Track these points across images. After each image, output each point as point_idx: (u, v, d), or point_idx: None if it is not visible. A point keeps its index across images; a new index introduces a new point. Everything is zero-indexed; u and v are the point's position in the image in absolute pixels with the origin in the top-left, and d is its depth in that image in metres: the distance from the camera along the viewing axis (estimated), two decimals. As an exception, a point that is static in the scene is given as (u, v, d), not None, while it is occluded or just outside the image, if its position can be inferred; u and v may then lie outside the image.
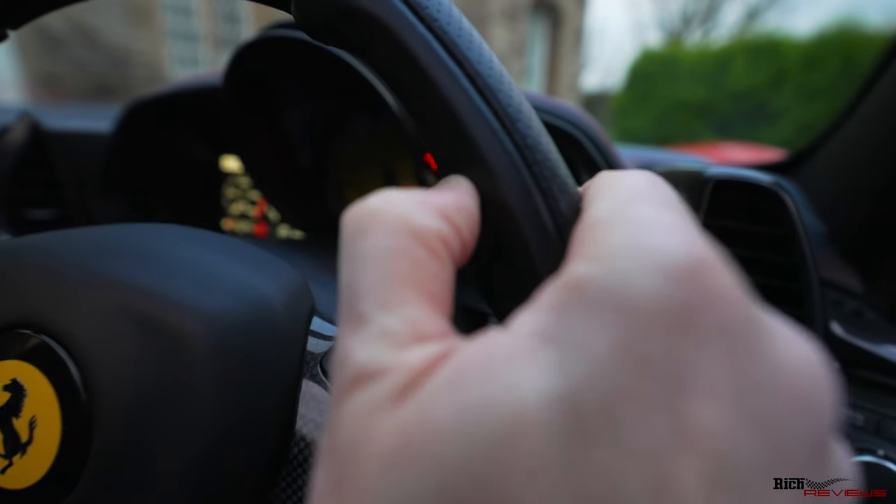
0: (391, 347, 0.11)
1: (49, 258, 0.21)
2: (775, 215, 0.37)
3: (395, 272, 0.12)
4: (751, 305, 0.10)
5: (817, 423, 0.10)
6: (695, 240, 0.10)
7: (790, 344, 0.10)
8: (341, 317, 0.12)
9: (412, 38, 0.16)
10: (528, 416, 0.09)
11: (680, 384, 0.09)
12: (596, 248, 0.11)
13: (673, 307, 0.09)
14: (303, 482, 0.21)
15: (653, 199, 0.12)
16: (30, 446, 0.19)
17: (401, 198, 0.13)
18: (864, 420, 0.34)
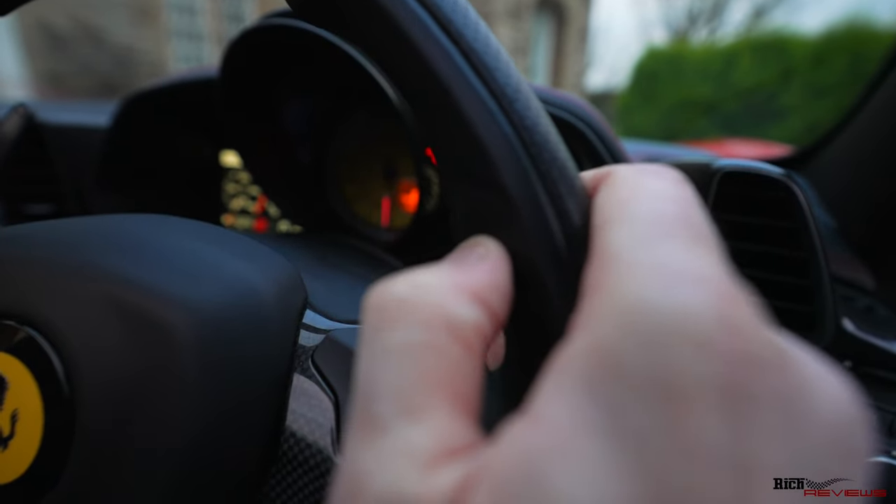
0: (416, 469, 0.09)
1: (33, 249, 0.21)
2: (785, 208, 0.36)
3: (427, 373, 0.10)
4: (787, 355, 0.09)
5: (859, 467, 0.09)
6: (730, 295, 0.09)
7: (829, 390, 0.09)
8: (354, 421, 0.11)
9: (403, 13, 0.15)
10: None
11: (748, 470, 0.08)
12: (620, 304, 0.10)
13: (724, 387, 0.08)
14: (293, 480, 0.20)
15: (681, 234, 0.11)
16: (11, 440, 0.18)
17: (433, 282, 0.12)
18: (878, 420, 0.33)
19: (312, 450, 0.20)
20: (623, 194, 0.12)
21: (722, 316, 0.09)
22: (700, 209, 0.12)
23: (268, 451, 0.20)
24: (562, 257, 0.13)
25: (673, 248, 0.10)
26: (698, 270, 0.10)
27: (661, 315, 0.09)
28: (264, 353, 0.21)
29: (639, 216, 0.11)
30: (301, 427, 0.20)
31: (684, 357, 0.08)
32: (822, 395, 0.09)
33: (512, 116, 0.14)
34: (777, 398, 0.09)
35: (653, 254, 0.10)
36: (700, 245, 0.10)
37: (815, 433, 0.09)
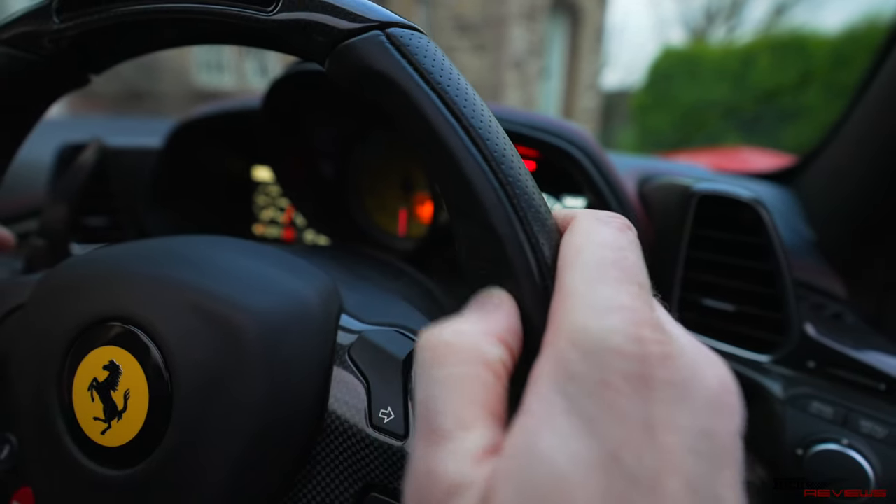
0: (472, 463, 0.14)
1: (132, 265, 0.27)
2: (755, 226, 0.40)
3: (472, 397, 0.15)
4: (679, 350, 0.14)
5: (734, 419, 0.14)
6: (638, 319, 0.14)
7: (708, 366, 0.15)
8: (420, 431, 0.15)
9: (420, 96, 0.21)
10: (567, 477, 0.12)
11: (654, 428, 0.13)
12: (572, 330, 0.15)
13: (633, 377, 0.13)
14: (333, 448, 0.26)
15: (611, 280, 0.16)
16: (124, 413, 0.23)
17: (469, 330, 0.16)
18: (833, 413, 0.37)
19: (348, 425, 0.25)
20: (578, 242, 0.17)
21: (633, 333, 0.14)
22: (634, 252, 0.17)
23: (314, 424, 0.26)
24: (538, 291, 0.18)
25: (606, 288, 0.15)
26: (621, 303, 0.15)
27: (595, 336, 0.14)
28: (310, 349, 0.26)
29: (587, 263, 0.16)
30: (340, 408, 0.26)
31: (608, 362, 0.14)
32: (703, 372, 0.15)
33: (499, 175, 0.20)
34: (670, 381, 0.14)
35: (592, 293, 0.15)
36: (626, 284, 0.15)
37: (700, 396, 0.14)
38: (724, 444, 0.14)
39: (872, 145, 0.47)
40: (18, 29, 0.27)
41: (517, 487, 0.13)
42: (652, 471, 0.12)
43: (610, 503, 0.12)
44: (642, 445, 0.13)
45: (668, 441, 0.13)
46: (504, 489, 0.13)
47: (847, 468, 0.35)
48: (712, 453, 0.13)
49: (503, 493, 0.13)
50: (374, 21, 0.22)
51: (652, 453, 0.13)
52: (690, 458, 0.13)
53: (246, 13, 0.23)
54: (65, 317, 0.25)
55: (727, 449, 0.14)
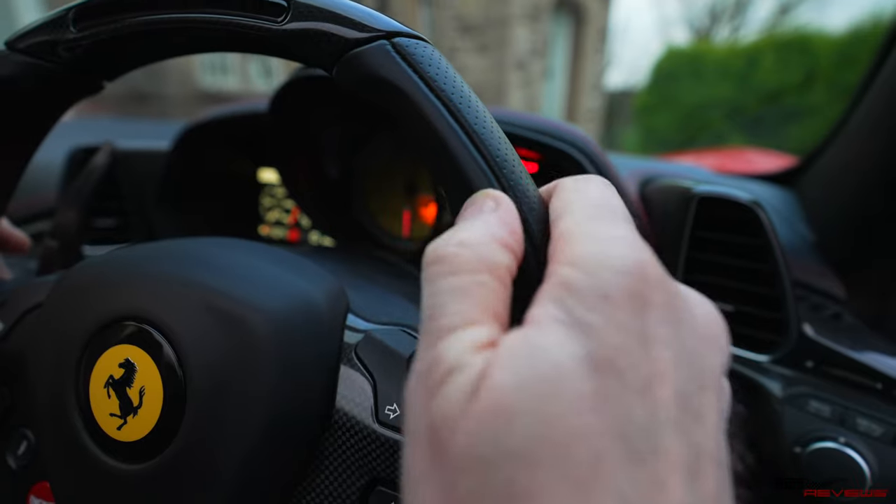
0: (473, 351, 0.15)
1: (147, 266, 0.27)
2: (754, 228, 0.41)
3: (479, 301, 0.16)
4: (675, 284, 0.16)
5: (719, 352, 0.16)
6: (637, 247, 0.15)
7: (699, 304, 0.16)
8: (425, 333, 0.16)
9: (424, 103, 0.21)
10: (565, 369, 0.13)
11: (649, 341, 0.14)
12: (572, 257, 0.15)
13: (633, 294, 0.14)
14: (341, 443, 0.27)
15: (606, 217, 0.17)
16: (139, 409, 0.24)
17: (474, 239, 0.17)
18: (831, 412, 0.38)
19: (355, 421, 0.26)
20: (567, 196, 0.19)
21: (632, 256, 0.15)
22: (619, 200, 0.18)
23: (323, 420, 0.27)
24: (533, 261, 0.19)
25: (599, 224, 0.16)
26: (619, 233, 0.16)
27: (597, 257, 0.15)
28: (318, 347, 0.27)
29: (577, 209, 0.18)
30: (346, 404, 0.27)
31: (609, 278, 0.14)
32: (694, 304, 0.16)
33: (501, 180, 0.20)
34: (666, 303, 0.15)
35: (590, 228, 0.16)
36: (617, 221, 0.17)
37: (691, 324, 0.15)
38: (709, 368, 0.15)
39: (871, 147, 0.47)
40: (35, 38, 0.27)
41: (516, 373, 0.13)
42: (644, 377, 0.13)
43: (601, 400, 0.13)
44: (637, 354, 0.14)
45: (661, 354, 0.14)
46: (501, 373, 0.13)
47: (844, 466, 0.36)
48: (699, 374, 0.15)
49: (501, 375, 0.13)
50: (380, 31, 0.23)
51: (646, 362, 0.14)
52: (680, 372, 0.14)
53: (257, 23, 0.24)
54: (81, 316, 0.26)
55: (710, 375, 0.15)
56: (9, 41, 0.28)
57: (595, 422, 0.13)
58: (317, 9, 0.23)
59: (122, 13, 0.26)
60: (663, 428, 0.13)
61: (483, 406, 0.13)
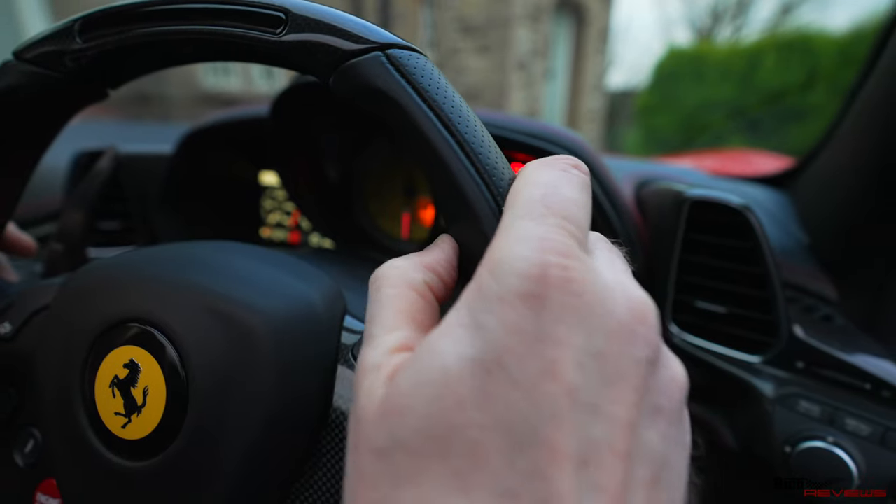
0: (387, 354, 0.17)
1: (151, 269, 0.28)
2: (744, 231, 0.42)
3: (398, 309, 0.19)
4: (586, 282, 0.15)
5: (640, 346, 0.15)
6: (545, 247, 0.16)
7: (620, 300, 0.16)
8: (364, 337, 0.19)
9: (417, 112, 0.22)
10: (451, 371, 0.15)
11: (541, 341, 0.14)
12: (490, 259, 0.16)
13: (528, 296, 0.15)
14: (337, 442, 0.27)
15: (535, 213, 0.17)
16: (143, 408, 0.25)
17: (402, 263, 0.21)
18: (820, 412, 0.39)
19: None
20: (518, 185, 0.20)
21: (537, 259, 0.15)
22: (570, 188, 0.19)
23: (320, 419, 0.27)
24: None
25: (528, 222, 0.17)
26: (535, 234, 0.16)
27: (504, 260, 0.16)
28: (316, 348, 0.28)
29: (517, 202, 0.18)
30: (343, 404, 0.27)
31: (510, 282, 0.15)
32: (612, 302, 0.15)
33: (491, 187, 0.21)
34: (564, 303, 0.15)
35: (515, 227, 0.17)
36: (548, 217, 0.17)
37: (600, 322, 0.15)
38: (620, 365, 0.15)
39: (862, 149, 0.48)
40: (42, 48, 0.28)
41: (411, 375, 0.15)
42: (532, 375, 0.14)
43: (487, 397, 0.14)
44: (526, 353, 0.14)
45: (553, 353, 0.14)
46: (402, 374, 0.16)
47: (831, 465, 0.36)
48: (603, 371, 0.15)
49: (401, 377, 0.16)
50: (375, 42, 0.23)
51: (534, 361, 0.14)
52: (577, 372, 0.14)
53: (256, 35, 0.25)
54: (87, 318, 0.27)
55: (622, 370, 0.15)
56: (17, 51, 0.29)
57: (478, 416, 0.14)
58: (314, 21, 0.24)
59: (127, 25, 0.27)
60: (547, 421, 0.14)
61: (385, 404, 0.16)
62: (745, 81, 5.38)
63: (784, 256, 0.49)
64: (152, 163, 0.63)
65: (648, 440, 0.15)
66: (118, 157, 0.52)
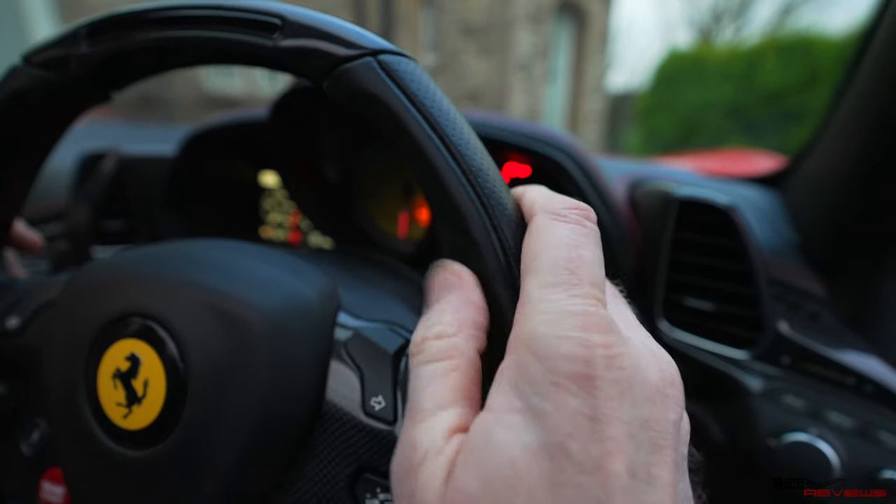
0: (444, 437, 0.17)
1: (152, 267, 0.29)
2: (731, 230, 0.43)
3: (452, 384, 0.18)
4: (626, 355, 0.16)
5: (674, 409, 0.17)
6: (588, 326, 0.16)
7: (652, 364, 0.17)
8: (408, 413, 0.18)
9: (406, 116, 0.23)
10: (518, 462, 0.15)
11: (598, 421, 0.15)
12: (528, 335, 0.17)
13: (581, 378, 0.15)
14: (330, 433, 0.28)
15: (564, 283, 0.17)
16: (144, 400, 0.25)
17: (448, 329, 0.19)
18: (804, 406, 0.40)
19: (344, 412, 0.28)
20: (535, 247, 0.19)
21: (581, 339, 0.16)
22: (589, 247, 0.19)
23: (314, 411, 0.28)
24: (506, 275, 0.21)
25: (558, 293, 0.17)
26: (572, 309, 0.17)
27: (547, 342, 0.16)
28: (309, 343, 0.28)
29: (541, 268, 0.18)
30: (336, 397, 0.28)
31: (559, 366, 0.15)
32: (646, 369, 0.16)
33: (476, 189, 0.22)
34: (614, 380, 0.15)
35: (546, 299, 0.17)
36: (577, 286, 0.17)
37: (641, 391, 0.16)
38: (661, 430, 0.16)
39: (849, 151, 0.49)
40: (50, 53, 0.29)
41: (476, 467, 0.15)
42: (596, 457, 0.14)
43: (557, 484, 0.14)
44: (587, 436, 0.15)
45: (610, 432, 0.15)
46: (464, 466, 0.16)
47: (813, 457, 0.37)
48: (650, 439, 0.15)
49: (464, 469, 0.15)
50: (367, 48, 0.24)
51: (596, 442, 0.15)
52: (630, 445, 0.15)
53: (252, 41, 0.26)
54: (91, 313, 0.28)
55: (664, 434, 0.16)
56: (26, 56, 0.30)
57: (549, 503, 0.14)
58: (308, 27, 0.25)
59: (131, 31, 0.28)
60: (614, 499, 0.14)
61: (451, 496, 0.15)
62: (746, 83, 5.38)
63: (773, 254, 0.50)
64: (155, 164, 0.64)
65: (682, 490, 0.16)
66: (122, 158, 0.53)
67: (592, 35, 7.94)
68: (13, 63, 0.30)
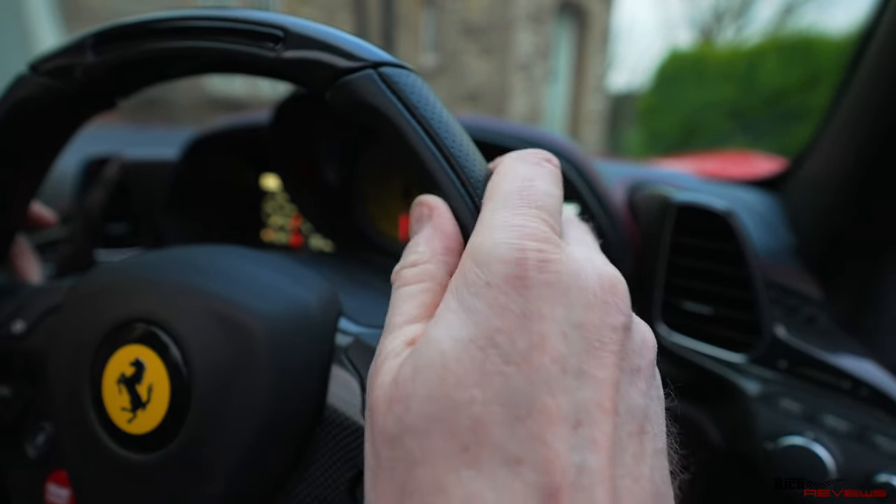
0: (405, 344, 0.18)
1: (156, 273, 0.30)
2: (728, 235, 0.43)
3: (423, 305, 0.20)
4: (561, 262, 0.17)
5: (614, 314, 0.17)
6: (524, 233, 0.17)
7: (591, 275, 0.17)
8: (385, 328, 0.20)
9: (407, 128, 0.24)
10: (448, 354, 0.16)
11: (528, 318, 0.16)
12: (473, 247, 0.18)
13: (513, 278, 0.16)
14: (332, 437, 0.29)
15: (512, 204, 0.19)
16: (148, 404, 0.26)
17: (421, 257, 0.21)
18: (801, 409, 0.40)
19: (344, 417, 0.28)
20: (496, 179, 0.21)
21: (516, 244, 0.17)
22: (543, 180, 0.20)
23: (315, 416, 0.28)
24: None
25: (505, 212, 0.19)
26: (513, 223, 0.18)
27: (486, 248, 0.17)
28: (310, 349, 0.29)
29: (495, 195, 0.20)
30: (337, 402, 0.28)
31: (494, 268, 0.17)
32: (585, 277, 0.17)
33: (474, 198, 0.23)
34: (546, 282, 0.16)
35: (494, 217, 0.19)
36: (524, 207, 0.19)
37: (577, 295, 0.16)
38: (598, 333, 0.16)
39: (846, 155, 0.49)
40: (57, 62, 0.30)
41: (411, 363, 0.17)
42: (522, 349, 0.15)
43: (485, 374, 0.15)
44: (515, 330, 0.16)
45: (539, 327, 0.16)
46: (408, 363, 0.17)
47: (809, 460, 0.38)
48: (584, 339, 0.16)
49: (407, 365, 0.17)
50: (368, 61, 0.25)
51: (523, 336, 0.16)
52: (561, 342, 0.16)
53: (255, 52, 0.26)
54: (96, 318, 0.29)
55: (601, 337, 0.16)
56: (33, 64, 0.30)
57: (478, 393, 0.15)
58: (310, 39, 0.26)
59: (136, 41, 0.28)
60: (540, 389, 0.15)
61: (390, 393, 0.17)
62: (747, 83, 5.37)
63: (771, 258, 0.50)
64: (157, 169, 0.65)
65: (631, 397, 0.17)
66: (125, 164, 0.53)
67: (593, 35, 7.94)
68: (20, 72, 0.31)
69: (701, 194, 0.45)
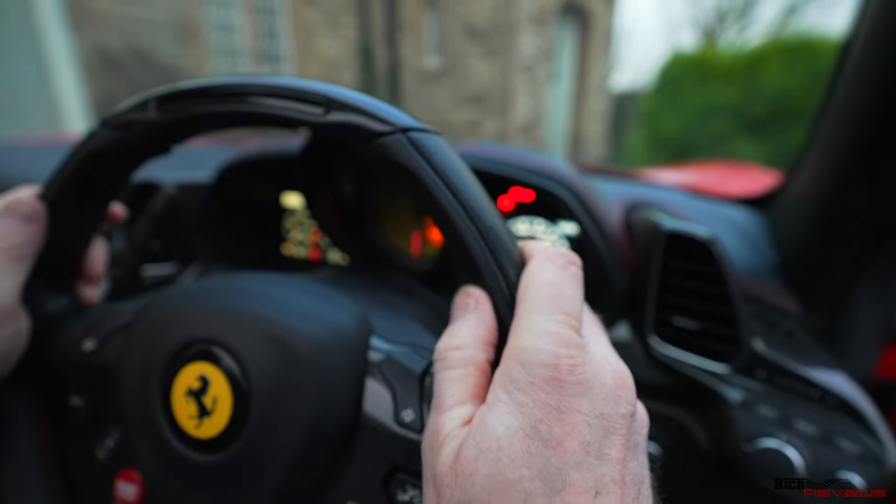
0: (459, 425, 0.22)
1: (216, 299, 0.34)
2: (710, 258, 0.48)
3: (467, 388, 0.24)
4: (586, 364, 0.21)
5: (624, 405, 0.22)
6: (558, 341, 0.21)
7: (608, 373, 0.22)
8: (433, 407, 0.24)
9: (432, 185, 0.28)
10: (503, 440, 0.20)
11: (562, 412, 0.20)
12: (516, 349, 0.22)
13: (551, 380, 0.21)
14: (366, 438, 0.32)
15: (545, 310, 0.23)
16: (213, 413, 0.29)
17: (465, 342, 0.25)
18: (776, 415, 0.45)
19: (379, 423, 0.30)
20: (527, 282, 0.25)
21: (552, 351, 0.21)
22: (569, 285, 0.24)
23: (353, 422, 0.31)
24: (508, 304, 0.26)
25: (540, 318, 0.23)
26: (548, 329, 0.22)
27: (528, 353, 0.22)
28: (349, 365, 0.32)
29: (530, 299, 0.24)
30: (372, 410, 0.31)
31: (535, 371, 0.21)
32: (603, 375, 0.22)
33: (490, 245, 0.27)
34: (575, 382, 0.21)
35: (530, 321, 0.23)
36: (555, 314, 0.23)
37: (598, 392, 0.21)
38: (613, 421, 0.21)
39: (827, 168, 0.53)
40: (124, 118, 0.34)
41: (473, 445, 0.21)
42: (558, 436, 0.20)
43: (529, 455, 0.20)
44: (553, 421, 0.20)
45: (570, 419, 0.20)
46: (466, 445, 0.21)
47: (781, 460, 0.42)
48: (603, 427, 0.20)
49: (466, 447, 0.21)
50: (399, 126, 0.29)
51: (559, 426, 0.20)
52: (586, 429, 0.20)
53: (304, 117, 0.31)
54: (166, 339, 0.33)
55: (615, 424, 0.21)
56: (105, 120, 0.35)
57: (526, 472, 0.19)
58: (350, 105, 0.30)
59: (196, 103, 0.33)
60: (570, 468, 0.19)
61: (458, 468, 0.21)
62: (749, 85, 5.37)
63: (754, 276, 0.55)
64: (191, 190, 0.70)
65: (634, 469, 0.21)
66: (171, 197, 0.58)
67: (596, 36, 7.95)
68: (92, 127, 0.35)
69: (687, 223, 0.50)
